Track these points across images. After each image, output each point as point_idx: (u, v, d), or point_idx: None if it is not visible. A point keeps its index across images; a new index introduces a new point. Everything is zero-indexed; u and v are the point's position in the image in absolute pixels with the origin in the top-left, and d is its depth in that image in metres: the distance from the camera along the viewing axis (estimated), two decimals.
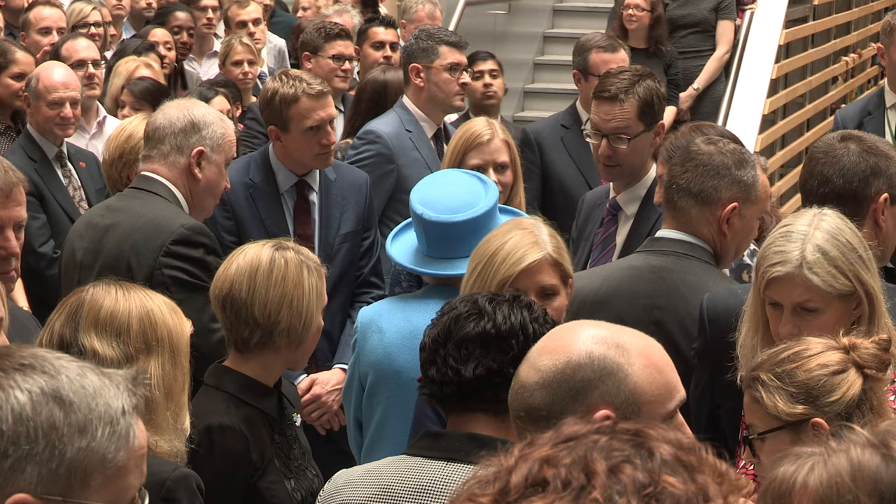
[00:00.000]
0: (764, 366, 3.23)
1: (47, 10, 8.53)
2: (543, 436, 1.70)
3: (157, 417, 3.29)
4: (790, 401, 3.16)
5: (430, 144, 6.53)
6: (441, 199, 4.51)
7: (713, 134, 4.87)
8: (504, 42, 12.43)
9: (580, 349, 2.54)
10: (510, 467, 1.66)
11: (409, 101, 6.61)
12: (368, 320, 4.53)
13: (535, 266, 4.01)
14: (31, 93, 6.66)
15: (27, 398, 1.94)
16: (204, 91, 7.61)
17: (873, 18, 14.01)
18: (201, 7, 9.81)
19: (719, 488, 1.65)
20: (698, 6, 10.68)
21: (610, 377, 2.51)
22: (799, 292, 3.63)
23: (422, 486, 3.02)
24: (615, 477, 1.61)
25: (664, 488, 1.61)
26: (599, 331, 2.58)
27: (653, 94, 5.39)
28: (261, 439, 3.93)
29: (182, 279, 4.72)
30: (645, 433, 1.69)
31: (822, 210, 3.72)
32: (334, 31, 7.67)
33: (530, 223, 4.13)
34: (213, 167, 4.92)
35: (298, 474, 4.02)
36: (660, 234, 4.40)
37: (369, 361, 4.48)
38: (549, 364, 2.53)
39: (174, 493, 3.25)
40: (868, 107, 6.87)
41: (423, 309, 4.37)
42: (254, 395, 3.98)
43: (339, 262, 5.78)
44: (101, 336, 3.30)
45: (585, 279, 4.48)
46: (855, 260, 3.63)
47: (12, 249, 4.04)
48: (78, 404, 1.96)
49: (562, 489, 1.60)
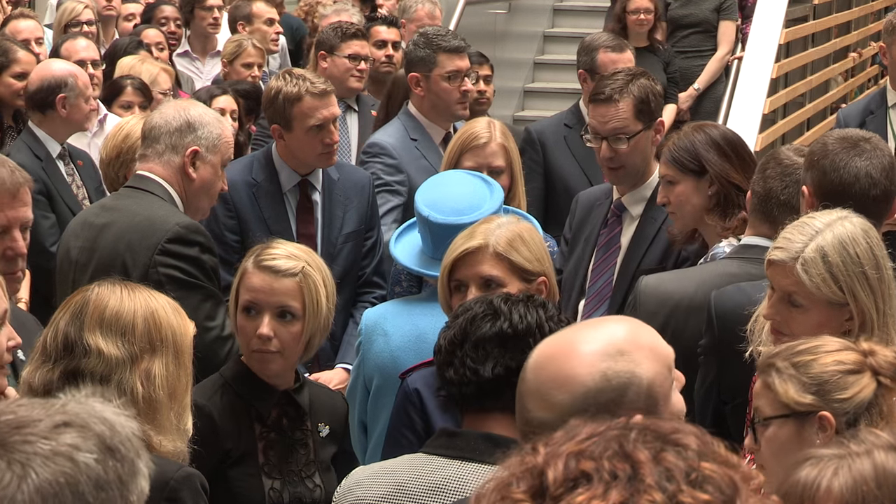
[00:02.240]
0: (781, 354, 3.23)
1: (23, 22, 8.55)
2: (556, 435, 1.69)
3: (160, 417, 3.29)
4: (801, 390, 3.16)
5: (438, 150, 6.41)
6: (446, 200, 4.51)
7: (716, 133, 4.87)
8: (504, 41, 12.43)
9: (593, 373, 2.50)
10: (539, 465, 1.65)
11: (414, 109, 6.55)
12: (373, 323, 4.52)
13: (471, 257, 4.02)
14: (72, 91, 6.68)
15: (93, 459, 1.79)
16: (212, 89, 7.63)
17: (874, 18, 14.01)
18: (207, 7, 9.83)
19: (740, 477, 1.66)
20: (700, 6, 10.70)
21: (629, 388, 2.50)
22: (788, 282, 3.62)
23: (436, 484, 3.02)
24: (660, 465, 1.62)
25: (706, 474, 1.62)
26: (593, 345, 2.55)
27: (648, 92, 5.36)
28: (238, 429, 3.98)
29: (177, 277, 4.70)
30: (663, 427, 1.69)
31: (849, 215, 3.68)
32: (350, 30, 7.64)
33: (500, 219, 4.13)
34: (208, 167, 4.91)
35: (290, 478, 4.03)
36: (752, 242, 4.32)
37: (375, 365, 4.47)
38: (566, 399, 2.48)
39: (178, 493, 3.25)
40: (870, 106, 6.87)
41: (428, 312, 4.38)
42: (247, 388, 4.04)
43: (342, 262, 5.78)
44: (106, 335, 3.29)
45: (676, 282, 4.47)
46: (856, 274, 3.59)
47: (19, 250, 4.03)
48: (123, 453, 1.84)
49: (610, 479, 1.60)
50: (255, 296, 4.07)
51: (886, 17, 7.36)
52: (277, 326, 4.04)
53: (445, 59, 6.51)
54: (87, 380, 3.26)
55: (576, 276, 5.30)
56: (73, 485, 1.75)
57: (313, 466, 4.09)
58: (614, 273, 5.32)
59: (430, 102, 6.50)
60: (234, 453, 3.97)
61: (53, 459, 1.75)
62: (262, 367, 4.07)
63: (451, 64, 6.51)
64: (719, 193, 4.75)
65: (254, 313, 4.07)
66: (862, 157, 4.14)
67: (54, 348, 3.31)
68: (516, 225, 4.11)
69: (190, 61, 9.80)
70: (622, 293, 5.21)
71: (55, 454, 1.76)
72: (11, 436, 1.77)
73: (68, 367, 3.28)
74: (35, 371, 3.31)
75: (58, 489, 1.74)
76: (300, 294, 4.05)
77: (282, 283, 4.05)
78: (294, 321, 4.05)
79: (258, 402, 4.05)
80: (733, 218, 4.74)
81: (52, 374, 3.28)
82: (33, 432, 1.77)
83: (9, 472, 1.74)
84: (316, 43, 7.82)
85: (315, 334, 4.09)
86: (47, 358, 3.31)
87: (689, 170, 4.78)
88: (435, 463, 3.06)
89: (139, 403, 3.26)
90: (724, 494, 1.61)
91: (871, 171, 4.12)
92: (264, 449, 4.04)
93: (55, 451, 1.76)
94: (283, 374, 4.10)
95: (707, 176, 4.76)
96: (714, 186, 4.75)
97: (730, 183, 4.75)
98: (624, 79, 5.37)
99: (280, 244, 4.16)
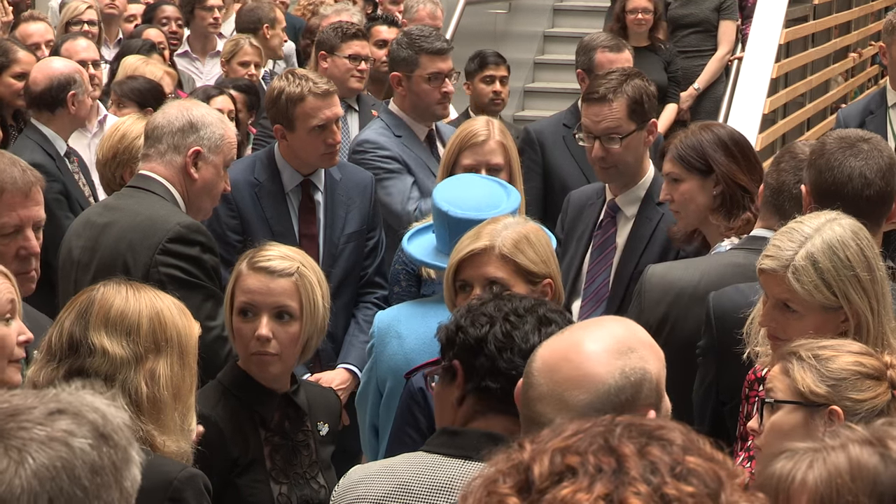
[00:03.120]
0: (805, 346, 3.26)
1: (33, 25, 8.55)
2: (542, 433, 1.71)
3: (164, 417, 3.30)
4: (818, 380, 3.18)
5: (422, 146, 6.50)
6: (466, 199, 4.51)
7: (724, 133, 4.86)
8: (504, 41, 12.42)
9: (612, 371, 2.53)
10: (525, 460, 1.66)
11: (396, 107, 6.58)
12: (386, 325, 4.52)
13: (476, 258, 4.02)
14: (80, 89, 6.69)
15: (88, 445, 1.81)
16: (209, 89, 7.62)
17: (874, 18, 14.01)
18: (207, 7, 9.83)
19: (726, 473, 1.67)
20: (700, 6, 10.70)
21: (644, 383, 2.53)
22: (780, 290, 3.62)
23: (438, 483, 3.02)
24: (645, 459, 1.63)
25: (690, 468, 1.63)
26: (602, 343, 2.58)
27: (642, 93, 5.37)
28: (244, 436, 3.96)
29: (178, 277, 4.70)
30: (648, 423, 1.71)
31: (838, 217, 3.67)
32: (351, 30, 7.66)
33: (506, 220, 4.14)
34: (210, 168, 4.91)
35: (296, 481, 4.03)
36: (761, 234, 4.30)
37: (388, 367, 4.46)
38: (586, 399, 2.51)
39: (182, 493, 3.26)
40: (870, 106, 6.87)
41: (442, 314, 4.37)
42: (248, 393, 4.02)
43: (344, 262, 5.79)
44: (111, 335, 3.30)
45: (681, 271, 4.48)
46: (847, 278, 3.58)
47: (32, 249, 4.04)
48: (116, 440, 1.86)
49: (595, 472, 1.62)
50: (252, 297, 4.05)
51: (886, 17, 7.36)
52: (275, 327, 4.03)
53: (427, 60, 6.54)
54: (91, 379, 3.26)
55: (567, 276, 5.29)
56: (69, 469, 1.78)
57: (316, 467, 4.09)
58: (611, 273, 5.32)
59: (410, 102, 6.54)
60: (242, 461, 3.95)
61: (49, 445, 1.78)
62: (261, 370, 4.05)
63: (433, 66, 6.54)
64: (724, 193, 4.75)
65: (251, 315, 4.05)
66: (857, 157, 4.13)
67: (59, 347, 3.31)
68: (523, 226, 4.10)
69: (190, 61, 9.80)
70: (620, 293, 5.22)
71: (51, 440, 1.79)
72: (7, 423, 1.79)
73: (73, 366, 3.28)
74: (40, 370, 3.31)
75: (55, 473, 1.77)
76: (297, 294, 4.04)
77: (278, 284, 4.03)
78: (292, 322, 4.04)
79: (261, 407, 4.04)
80: (737, 218, 4.74)
81: (57, 373, 3.28)
82: (28, 419, 1.80)
83: (6, 457, 1.76)
84: (316, 43, 7.83)
85: (312, 335, 4.08)
86: (52, 357, 3.32)
87: (696, 168, 4.77)
88: (438, 462, 3.06)
89: (143, 403, 3.27)
90: (709, 487, 1.63)
91: (865, 171, 4.10)
92: (270, 454, 4.02)
93: (51, 437, 1.79)
94: (281, 377, 4.09)
95: (713, 176, 4.76)
96: (720, 186, 4.75)
97: (735, 184, 4.74)
98: (618, 79, 5.37)
99: (273, 246, 4.15)
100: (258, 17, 9.63)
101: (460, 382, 3.11)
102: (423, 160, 6.41)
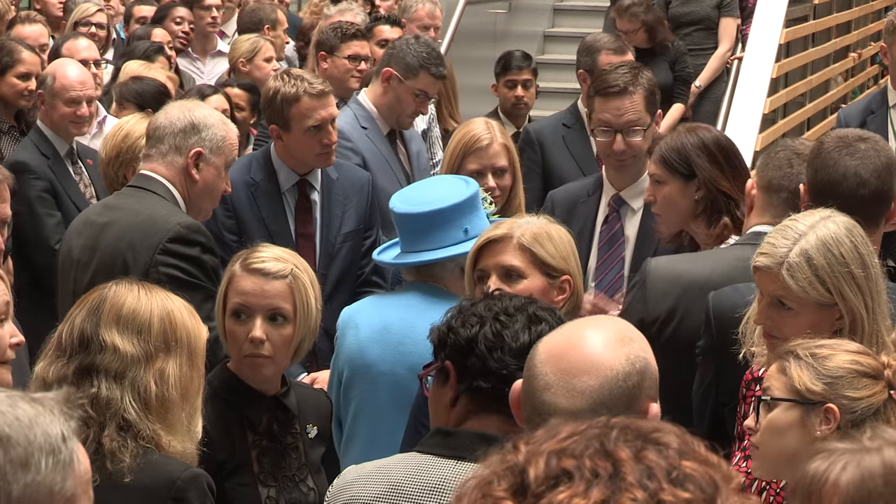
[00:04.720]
0: (803, 345, 3.27)
1: (28, 27, 8.52)
2: (537, 433, 1.70)
3: (172, 417, 3.31)
4: (814, 377, 3.20)
5: (385, 142, 6.61)
6: (417, 196, 4.54)
7: (709, 138, 4.79)
8: (504, 41, 12.42)
9: (618, 356, 2.57)
10: (520, 463, 1.65)
11: (367, 98, 6.67)
12: (347, 318, 4.55)
13: (494, 245, 4.04)
14: (47, 91, 6.66)
15: None
16: (203, 88, 7.62)
17: (874, 18, 14.01)
18: (205, 6, 9.83)
19: (721, 476, 1.67)
20: (701, 3, 10.68)
21: (647, 372, 2.58)
22: (775, 287, 3.62)
23: (430, 484, 3.02)
24: (641, 463, 1.62)
25: (687, 473, 1.63)
26: (603, 333, 2.61)
27: (653, 85, 5.42)
28: (231, 440, 3.95)
29: (178, 277, 4.71)
30: (643, 426, 1.70)
31: (832, 214, 3.66)
32: (350, 31, 7.68)
33: (530, 217, 4.18)
34: (211, 169, 4.92)
35: (285, 484, 4.01)
36: (763, 230, 4.20)
37: (346, 357, 4.49)
38: (595, 383, 2.53)
39: (185, 493, 3.27)
40: (871, 106, 6.86)
41: (397, 304, 4.42)
42: (237, 396, 4.01)
43: (341, 262, 5.80)
44: (122, 332, 3.31)
45: (690, 263, 4.47)
46: (842, 275, 3.57)
47: None
48: (16, 438, 1.83)
49: (591, 477, 1.61)
50: (246, 299, 4.03)
51: (886, 16, 7.37)
52: (269, 329, 4.01)
53: (425, 77, 6.67)
54: (101, 376, 3.28)
55: None
56: None
57: (305, 470, 4.07)
58: (624, 266, 5.32)
59: (388, 101, 6.64)
60: (230, 464, 3.93)
61: None
62: (254, 372, 4.04)
63: (428, 85, 6.69)
64: (706, 199, 4.69)
65: (244, 317, 4.04)
66: (854, 156, 4.12)
67: (69, 343, 3.32)
68: (547, 224, 4.14)
69: (190, 61, 9.80)
70: None
71: None
72: None
73: (83, 362, 3.30)
74: (49, 366, 3.32)
75: None
76: (291, 296, 4.02)
77: (272, 286, 4.02)
78: (285, 324, 4.03)
79: (249, 411, 4.02)
80: (716, 225, 4.69)
81: (67, 370, 3.29)
82: None
83: None
84: (316, 43, 7.84)
85: (305, 337, 4.06)
86: (62, 353, 3.32)
87: (678, 172, 4.73)
88: (431, 462, 3.05)
89: (152, 402, 3.28)
90: (705, 493, 1.62)
91: (860, 170, 4.10)
92: (258, 457, 4.00)
93: None
94: (272, 380, 4.08)
95: (695, 180, 4.71)
96: (701, 192, 4.69)
97: (718, 189, 4.69)
98: (631, 71, 5.39)
99: (266, 247, 4.15)
100: (260, 18, 9.63)
101: (453, 383, 3.12)
102: (384, 155, 6.53)
